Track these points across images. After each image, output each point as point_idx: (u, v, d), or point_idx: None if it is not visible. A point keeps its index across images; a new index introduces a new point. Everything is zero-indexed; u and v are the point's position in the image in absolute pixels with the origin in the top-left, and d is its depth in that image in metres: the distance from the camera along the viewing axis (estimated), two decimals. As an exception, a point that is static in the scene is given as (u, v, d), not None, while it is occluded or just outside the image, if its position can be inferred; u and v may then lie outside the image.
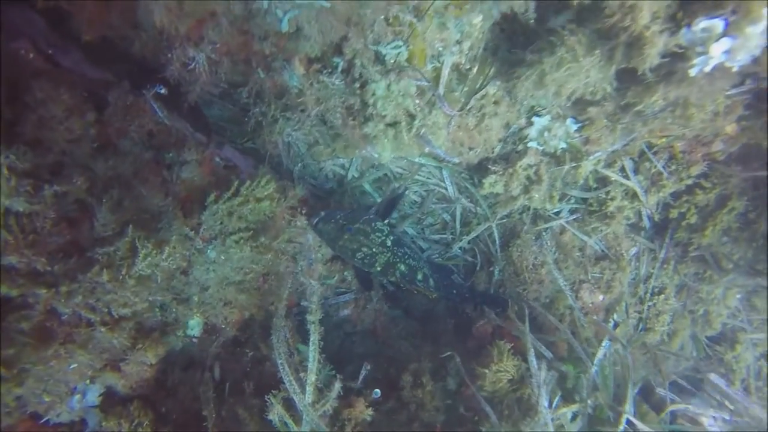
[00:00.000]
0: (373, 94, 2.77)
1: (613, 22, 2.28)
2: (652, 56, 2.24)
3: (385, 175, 4.33)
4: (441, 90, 3.03)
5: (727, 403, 4.61)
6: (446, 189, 4.35)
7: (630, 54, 2.37)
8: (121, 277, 2.12)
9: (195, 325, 3.06)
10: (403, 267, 3.75)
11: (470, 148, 3.76)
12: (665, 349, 4.43)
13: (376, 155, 3.43)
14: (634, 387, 3.32)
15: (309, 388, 2.61)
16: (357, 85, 2.80)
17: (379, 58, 2.79)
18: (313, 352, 2.71)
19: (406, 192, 4.16)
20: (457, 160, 3.42)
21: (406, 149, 2.98)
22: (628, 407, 3.00)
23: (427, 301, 4.64)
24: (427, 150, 3.08)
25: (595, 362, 3.17)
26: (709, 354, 5.03)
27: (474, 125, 3.47)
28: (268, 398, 2.56)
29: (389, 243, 3.70)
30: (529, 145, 3.66)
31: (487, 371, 3.26)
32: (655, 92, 2.58)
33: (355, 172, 4.30)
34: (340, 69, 2.71)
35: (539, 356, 3.53)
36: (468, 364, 3.62)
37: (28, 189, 2.02)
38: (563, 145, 3.57)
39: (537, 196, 3.78)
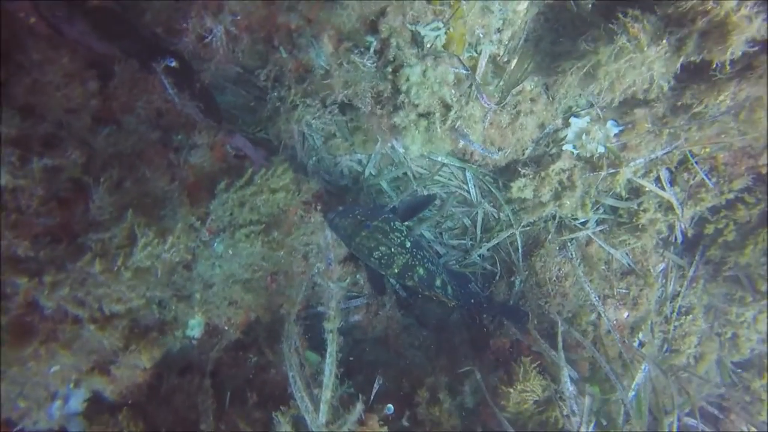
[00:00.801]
0: (407, 80, 2.47)
1: (689, 6, 1.98)
2: (736, 45, 1.94)
3: (404, 174, 4.02)
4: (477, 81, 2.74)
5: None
6: (468, 192, 4.04)
7: (704, 44, 2.07)
8: (116, 269, 1.80)
9: (195, 326, 2.74)
10: (422, 271, 3.44)
11: (499, 149, 3.46)
12: (691, 372, 4.11)
13: (403, 149, 3.14)
14: (671, 416, 3.01)
15: (323, 407, 2.29)
16: (390, 69, 2.50)
17: (416, 40, 2.50)
18: (330, 365, 2.39)
19: (435, 197, 3.83)
20: (497, 156, 3.11)
21: (438, 143, 2.68)
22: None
23: (441, 311, 4.32)
24: (461, 144, 2.78)
25: (633, 387, 2.85)
26: (735, 381, 4.71)
27: (507, 123, 3.17)
28: (276, 415, 2.24)
29: (408, 244, 3.39)
30: (565, 147, 3.36)
31: (511, 390, 2.94)
32: (724, 90, 2.28)
33: (373, 169, 3.99)
34: (372, 49, 2.41)
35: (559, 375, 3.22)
36: (486, 379, 3.31)
37: (13, 160, 1.71)
38: (601, 149, 3.28)
39: (568, 203, 3.48)
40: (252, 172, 2.54)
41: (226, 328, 2.78)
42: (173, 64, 2.69)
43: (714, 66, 2.12)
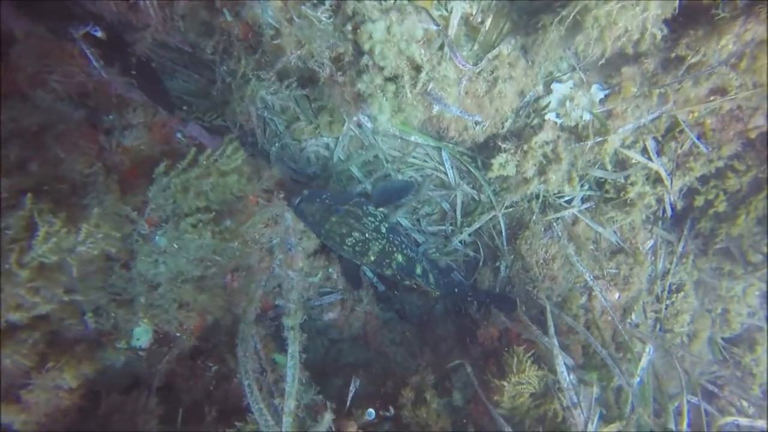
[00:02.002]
0: (370, 38, 2.11)
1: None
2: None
3: (376, 157, 3.66)
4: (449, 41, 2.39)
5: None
6: (446, 173, 3.70)
7: (709, -27, 1.76)
8: (7, 267, 1.40)
9: (142, 334, 2.34)
10: (400, 257, 3.09)
11: (476, 122, 3.13)
12: (687, 352, 3.85)
13: (370, 121, 2.78)
14: (674, 401, 2.72)
15: (287, 419, 1.92)
16: (350, 26, 2.14)
17: (377, -7, 2.14)
18: (292, 369, 2.02)
19: (413, 184, 3.45)
20: (479, 118, 2.77)
21: (409, 110, 2.32)
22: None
23: (423, 302, 3.98)
24: (435, 110, 2.42)
25: (638, 372, 2.55)
26: (726, 357, 4.49)
27: (485, 91, 2.84)
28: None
29: (384, 229, 3.04)
30: (547, 117, 3.05)
31: (505, 384, 2.61)
32: (726, 33, 1.98)
33: (341, 153, 3.62)
34: (328, 2, 2.04)
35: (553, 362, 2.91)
36: (476, 374, 2.98)
37: None
38: (587, 116, 2.97)
39: (554, 178, 3.16)
40: (195, 153, 2.15)
41: (179, 334, 2.38)
42: (98, 33, 2.28)
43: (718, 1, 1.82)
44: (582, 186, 3.69)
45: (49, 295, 1.55)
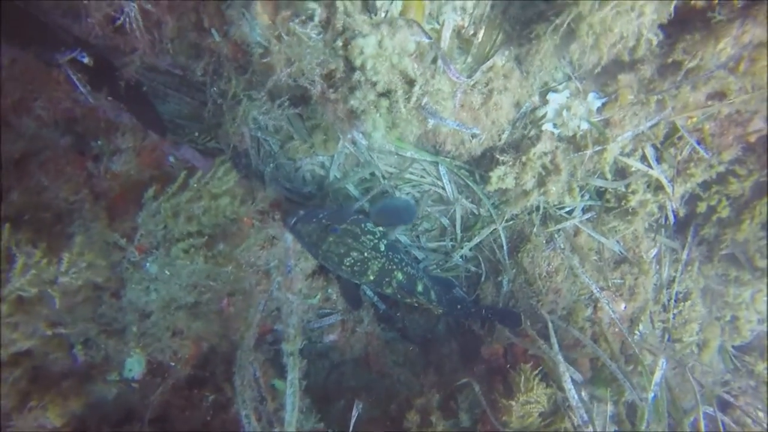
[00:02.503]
0: (361, 53, 2.05)
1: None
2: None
3: (372, 175, 3.60)
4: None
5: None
6: (443, 189, 3.64)
7: (704, -25, 1.71)
8: (-18, 302, 1.33)
9: (134, 365, 2.24)
10: (401, 275, 3.00)
11: (473, 135, 3.08)
12: (698, 362, 3.74)
13: (364, 139, 2.72)
14: (689, 415, 2.61)
15: (287, 452, 1.82)
16: (340, 42, 2.09)
17: (367, 8, 2.09)
18: (291, 397, 1.93)
19: (413, 208, 3.37)
20: (477, 131, 2.70)
21: (404, 126, 2.26)
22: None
23: (425, 321, 3.88)
24: (431, 125, 2.36)
25: (652, 387, 2.44)
26: (738, 365, 4.37)
27: (480, 104, 2.79)
28: (229, 468, 1.76)
29: (383, 247, 2.95)
30: (544, 127, 2.99)
31: (513, 403, 2.50)
32: (724, 36, 1.93)
33: (337, 171, 3.56)
34: (317, 18, 1.99)
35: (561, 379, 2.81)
36: (483, 393, 2.87)
37: None
38: (585, 125, 2.91)
39: (554, 189, 3.10)
40: (185, 176, 2.08)
41: (173, 364, 2.29)
42: (85, 59, 2.23)
43: (715, 1, 1.77)
44: (582, 196, 3.62)
45: (29, 330, 1.46)
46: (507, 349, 3.47)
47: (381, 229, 3.07)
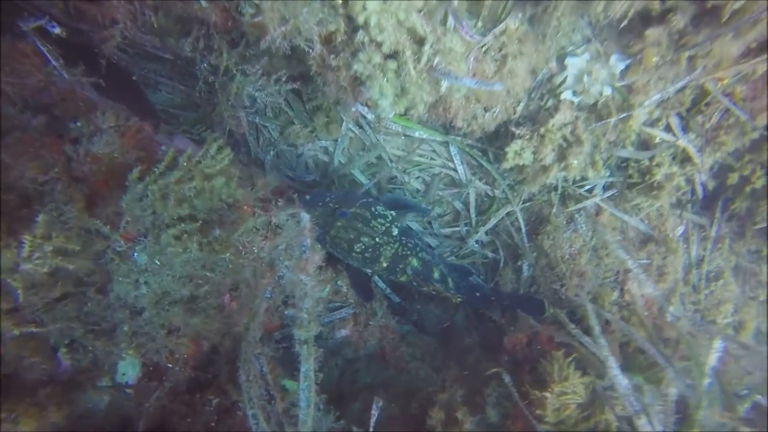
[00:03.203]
0: (364, 8, 1.82)
1: None
2: None
3: (379, 159, 3.36)
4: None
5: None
6: (455, 170, 3.39)
7: None
8: None
9: (128, 368, 2.01)
10: (415, 262, 2.75)
11: (486, 109, 2.83)
12: (740, 344, 3.46)
13: (371, 112, 2.49)
14: (744, 402, 2.35)
15: (300, 457, 1.57)
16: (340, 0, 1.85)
17: (367, -42, 1.85)
18: (306, 391, 1.69)
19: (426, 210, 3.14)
20: (500, 87, 2.44)
21: (414, 90, 2.02)
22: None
23: (442, 312, 3.63)
24: (444, 87, 2.11)
25: (707, 372, 2.18)
26: (774, 347, 4.08)
27: (494, 71, 2.54)
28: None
29: (396, 232, 2.71)
30: (563, 96, 2.74)
31: (548, 395, 2.25)
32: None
33: (342, 156, 3.32)
34: (312, -31, 1.75)
35: (596, 367, 2.56)
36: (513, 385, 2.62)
37: None
38: (607, 90, 2.66)
39: (576, 162, 2.84)
40: (173, 154, 1.84)
41: (170, 365, 2.05)
42: (56, 30, 2.00)
43: None
44: (604, 172, 3.38)
45: (-14, 327, 1.23)
46: (531, 338, 3.23)
47: (392, 212, 2.83)
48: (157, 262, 1.83)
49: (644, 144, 3.19)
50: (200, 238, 1.88)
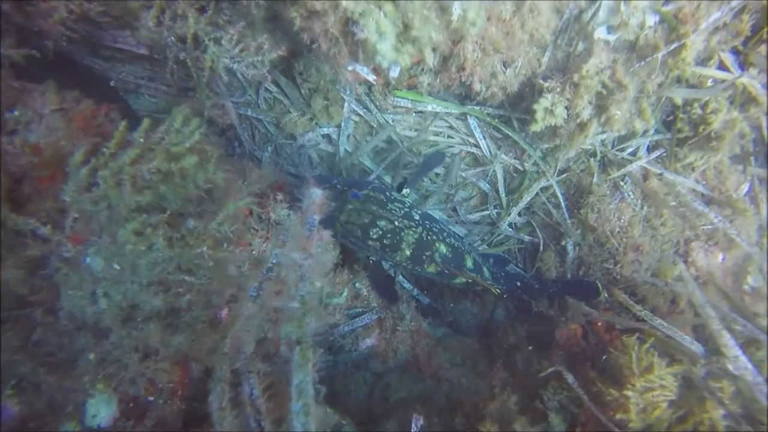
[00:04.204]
0: None
1: None
2: None
3: (389, 143, 2.93)
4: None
5: None
6: (477, 146, 2.94)
7: None
8: None
9: (100, 407, 1.58)
10: (444, 248, 2.29)
11: (506, 64, 2.39)
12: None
13: (370, 74, 2.06)
14: None
15: None
16: None
17: None
18: (301, 415, 1.24)
19: (442, 156, 2.67)
20: None
21: (420, 25, 1.59)
22: None
23: (479, 309, 3.14)
24: (456, 14, 1.67)
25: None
26: None
27: (512, 12, 2.10)
28: None
29: (417, 216, 2.27)
30: (596, 35, 2.28)
31: (629, 393, 1.74)
32: None
33: (347, 144, 2.90)
34: None
35: (682, 352, 2.04)
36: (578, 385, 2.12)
37: None
38: (651, 18, 2.19)
39: (619, 114, 2.36)
40: (124, 128, 1.44)
41: (151, 398, 1.62)
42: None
43: None
44: (645, 132, 2.89)
45: None
46: (587, 328, 2.73)
47: (409, 198, 2.39)
48: (116, 266, 1.42)
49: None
50: (169, 232, 1.46)
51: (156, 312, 1.54)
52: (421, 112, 2.82)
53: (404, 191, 2.32)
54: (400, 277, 3.01)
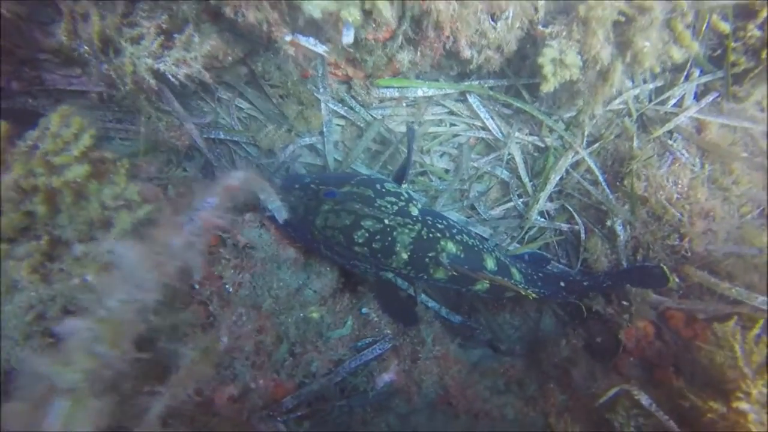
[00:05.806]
0: None
1: None
2: None
3: (383, 143, 2.49)
4: None
5: None
6: (485, 128, 2.45)
7: None
8: None
9: None
10: (452, 246, 1.79)
11: (493, 17, 1.93)
12: None
13: (310, 37, 1.67)
14: None
15: None
16: None
17: None
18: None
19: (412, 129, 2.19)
20: None
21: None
22: None
23: (521, 321, 2.56)
24: None
25: None
26: None
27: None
28: None
29: (415, 211, 1.80)
30: (600, -45, 1.80)
31: (744, 406, 1.15)
32: None
33: (335, 152, 2.49)
34: None
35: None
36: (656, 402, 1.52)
37: None
38: None
39: (647, 45, 1.83)
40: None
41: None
42: None
43: None
44: (687, 77, 2.33)
45: None
46: (659, 325, 2.14)
47: (408, 191, 1.93)
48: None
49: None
50: (47, 264, 1.07)
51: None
52: (413, 100, 2.39)
53: (403, 186, 1.87)
54: (423, 295, 2.51)
